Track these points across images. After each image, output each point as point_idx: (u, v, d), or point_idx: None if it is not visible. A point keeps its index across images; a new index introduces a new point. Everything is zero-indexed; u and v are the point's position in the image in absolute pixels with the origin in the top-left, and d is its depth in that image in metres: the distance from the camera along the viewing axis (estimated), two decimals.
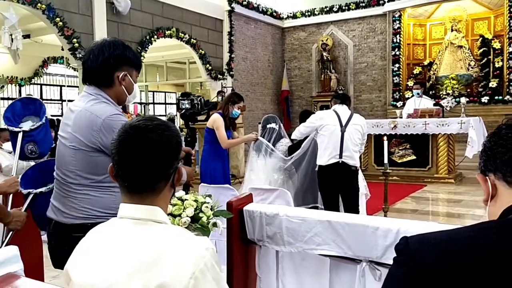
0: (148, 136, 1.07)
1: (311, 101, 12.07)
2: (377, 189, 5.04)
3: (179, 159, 1.14)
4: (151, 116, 1.21)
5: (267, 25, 12.03)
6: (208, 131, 4.49)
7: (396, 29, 10.68)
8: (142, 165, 1.07)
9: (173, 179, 1.13)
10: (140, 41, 8.33)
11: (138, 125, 1.10)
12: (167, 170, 1.10)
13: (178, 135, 1.15)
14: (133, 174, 1.08)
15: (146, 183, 1.09)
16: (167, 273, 0.96)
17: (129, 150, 1.07)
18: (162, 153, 1.08)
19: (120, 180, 1.11)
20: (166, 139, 1.09)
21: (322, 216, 1.99)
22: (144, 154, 1.06)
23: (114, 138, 1.11)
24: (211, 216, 1.89)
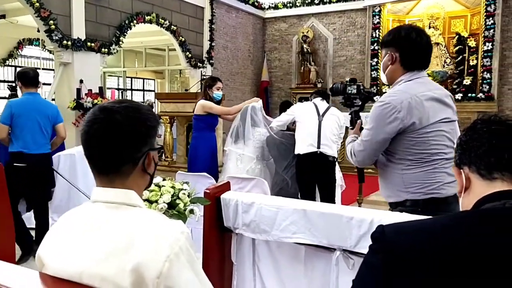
0: (113, 118, 1.06)
1: (290, 92, 12.10)
2: (352, 181, 5.10)
3: (150, 144, 1.12)
4: (124, 99, 1.19)
5: (249, 15, 11.96)
6: (196, 118, 4.48)
7: (375, 24, 10.77)
8: (105, 146, 1.06)
9: (144, 164, 1.11)
10: (119, 26, 8.17)
11: (106, 107, 1.10)
12: (134, 154, 1.09)
13: (149, 119, 1.12)
14: (97, 155, 1.08)
15: (110, 165, 1.08)
16: (142, 256, 0.96)
17: (93, 131, 1.07)
18: (126, 135, 1.06)
19: (88, 162, 1.10)
20: (132, 121, 1.07)
21: (298, 205, 2.02)
22: (108, 135, 1.06)
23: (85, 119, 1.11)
24: (188, 203, 1.89)
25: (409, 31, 2.03)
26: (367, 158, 2.11)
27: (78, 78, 7.34)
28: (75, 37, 7.31)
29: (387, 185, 2.13)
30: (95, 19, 7.74)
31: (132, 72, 13.95)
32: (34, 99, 4.05)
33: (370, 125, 2.03)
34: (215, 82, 4.44)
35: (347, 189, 4.66)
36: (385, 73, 2.11)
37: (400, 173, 2.03)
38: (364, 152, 2.08)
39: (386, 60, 2.07)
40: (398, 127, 1.95)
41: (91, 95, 7.24)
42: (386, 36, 2.12)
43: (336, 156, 3.98)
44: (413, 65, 2.01)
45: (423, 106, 1.93)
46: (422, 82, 2.02)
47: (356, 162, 2.18)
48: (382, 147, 2.03)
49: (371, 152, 2.07)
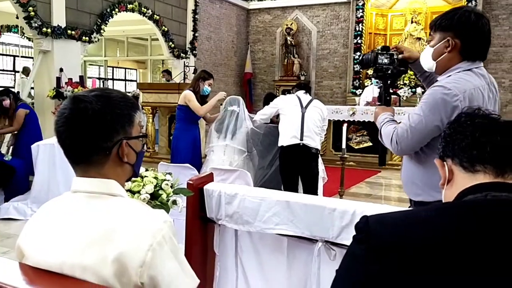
0: (80, 107, 1.04)
1: (273, 85, 12.11)
2: (334, 173, 5.17)
3: (124, 132, 1.08)
4: (97, 88, 1.17)
5: (232, 6, 11.88)
6: (180, 108, 4.50)
7: (359, 17, 10.83)
8: (73, 136, 1.04)
9: (119, 154, 1.09)
10: (100, 14, 8.02)
11: (76, 96, 1.08)
12: (103, 143, 1.05)
13: (119, 106, 1.08)
14: (67, 145, 1.06)
15: (80, 155, 1.06)
16: (124, 245, 0.96)
17: (62, 121, 1.05)
18: (93, 124, 1.04)
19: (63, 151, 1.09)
20: (100, 110, 1.04)
21: (281, 197, 2.02)
22: (75, 125, 1.04)
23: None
24: (171, 194, 1.88)
25: (475, 16, 1.77)
26: (410, 147, 1.86)
27: (58, 67, 7.19)
28: (55, 25, 7.15)
29: (419, 182, 1.89)
30: (76, 6, 7.58)
31: (113, 61, 13.75)
32: None
33: (423, 111, 1.78)
34: (209, 78, 4.57)
35: (328, 182, 4.70)
36: (437, 60, 1.85)
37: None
38: (411, 140, 1.83)
39: (442, 46, 1.81)
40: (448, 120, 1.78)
41: (71, 84, 7.10)
42: (443, 18, 1.83)
43: (319, 148, 4.00)
44: (475, 55, 1.79)
45: (483, 100, 1.74)
46: (482, 75, 1.80)
47: (396, 150, 1.91)
48: (431, 137, 1.80)
49: (418, 140, 1.83)
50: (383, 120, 2.02)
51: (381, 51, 2.17)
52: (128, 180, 1.19)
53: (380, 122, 2.04)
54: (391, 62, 2.13)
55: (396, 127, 1.91)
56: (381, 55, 2.15)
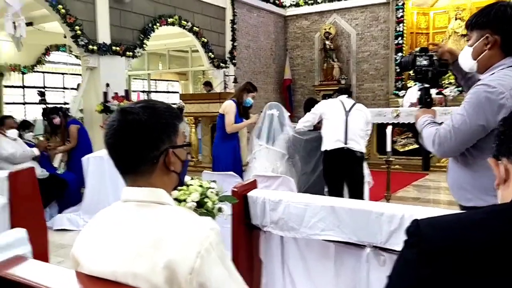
0: (128, 118, 1.07)
1: (313, 90, 12.03)
2: (379, 177, 5.05)
3: (169, 141, 1.11)
4: (143, 100, 1.20)
5: (270, 13, 11.95)
6: (220, 117, 4.59)
7: (399, 17, 10.60)
8: (121, 147, 1.08)
9: (165, 163, 1.11)
10: (143, 29, 8.29)
11: (123, 108, 1.11)
12: (150, 152, 1.08)
13: (164, 116, 1.11)
14: (116, 156, 1.10)
15: (129, 165, 1.09)
16: (173, 253, 0.97)
17: (111, 133, 1.08)
18: (140, 134, 1.07)
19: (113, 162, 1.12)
20: (146, 120, 1.07)
21: (326, 202, 2.00)
22: (123, 136, 1.07)
23: None
24: (216, 201, 1.90)
25: (508, 9, 1.73)
26: (454, 149, 1.79)
27: (104, 82, 7.48)
28: (101, 42, 7.45)
29: (468, 186, 1.82)
30: (119, 23, 7.88)
31: (156, 74, 14.14)
32: None
33: (466, 110, 1.72)
34: (254, 90, 4.68)
35: (374, 186, 4.60)
36: (478, 59, 1.80)
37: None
38: (454, 141, 1.76)
39: (481, 44, 1.77)
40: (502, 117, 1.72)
41: (117, 98, 7.37)
42: (479, 16, 1.80)
43: (364, 152, 3.92)
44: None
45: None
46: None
47: (438, 152, 1.85)
48: (476, 138, 1.73)
49: (462, 142, 1.76)
50: (423, 122, 1.97)
51: (419, 53, 2.12)
52: (175, 189, 1.22)
53: (420, 125, 1.98)
54: (431, 63, 2.08)
55: (438, 129, 1.85)
56: (420, 56, 2.10)
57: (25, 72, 10.72)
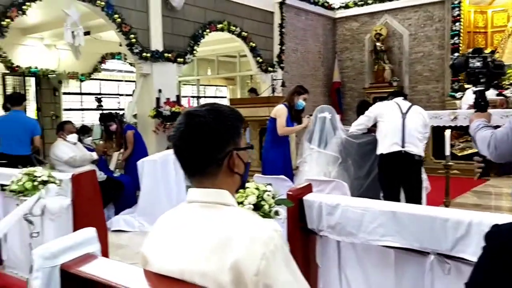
0: (194, 121, 1.09)
1: (363, 92, 11.79)
2: (436, 182, 4.84)
3: (234, 143, 1.12)
4: (207, 103, 1.22)
5: (318, 16, 11.85)
6: (271, 121, 4.59)
7: (455, 16, 10.18)
8: (188, 149, 1.09)
9: (229, 164, 1.12)
10: (193, 35, 8.47)
11: (189, 111, 1.14)
12: (216, 154, 1.10)
13: (230, 118, 1.13)
14: (183, 158, 1.12)
15: (195, 167, 1.11)
16: (239, 254, 0.98)
17: (178, 135, 1.11)
18: (207, 136, 1.08)
19: (180, 165, 1.15)
20: (212, 122, 1.09)
21: (386, 207, 1.94)
22: (190, 138, 1.09)
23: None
24: (272, 204, 1.90)
25: None
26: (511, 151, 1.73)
27: (157, 88, 7.71)
28: (154, 49, 7.69)
29: None
30: (171, 30, 8.09)
31: (205, 80, 14.41)
32: (17, 115, 5.50)
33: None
34: (305, 92, 4.66)
35: (431, 192, 4.42)
36: None
37: None
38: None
39: None
40: None
41: (169, 103, 7.57)
42: None
43: (422, 155, 3.76)
44: None
45: None
46: None
47: (494, 155, 1.80)
48: None
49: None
50: (476, 126, 1.90)
51: (472, 54, 2.04)
52: (237, 191, 1.22)
53: (473, 129, 1.91)
54: (485, 65, 2.00)
55: (494, 132, 1.78)
56: (473, 58, 2.02)
57: (82, 79, 11.25)
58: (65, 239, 1.27)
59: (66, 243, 1.24)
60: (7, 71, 9.71)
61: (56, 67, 10.47)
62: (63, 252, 1.22)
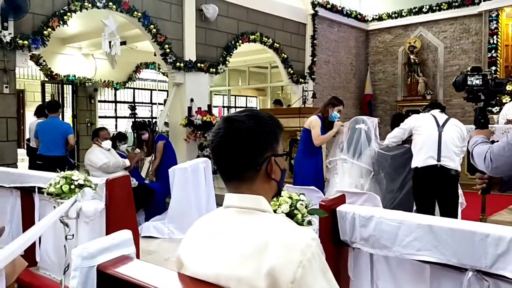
0: (233, 125, 1.10)
1: (396, 105, 11.61)
2: (471, 199, 4.69)
3: (272, 149, 1.12)
4: (246, 109, 1.22)
5: (351, 28, 11.80)
6: (304, 131, 4.59)
7: (492, 29, 9.93)
8: (227, 154, 1.10)
9: (267, 170, 1.12)
10: (226, 46, 8.58)
11: (228, 116, 1.15)
12: (255, 159, 1.10)
13: (268, 124, 1.13)
14: (221, 162, 1.12)
15: (234, 171, 1.11)
16: (275, 260, 0.97)
17: (216, 139, 1.11)
18: (246, 141, 1.08)
19: (217, 169, 1.16)
20: (252, 128, 1.09)
21: (423, 220, 1.88)
22: (229, 142, 1.09)
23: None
24: (305, 214, 1.88)
25: None
26: (508, 166, 1.78)
27: (189, 97, 7.82)
28: (187, 59, 7.82)
29: None
30: (205, 41, 8.22)
31: (235, 90, 14.52)
32: (54, 121, 6.24)
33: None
34: (339, 104, 4.62)
35: (466, 208, 4.28)
36: None
37: None
38: (508, 158, 1.75)
39: None
40: None
41: (201, 113, 7.66)
42: None
43: (459, 170, 3.66)
44: None
45: None
46: None
47: (490, 169, 1.83)
48: None
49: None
50: (474, 142, 1.95)
51: (471, 72, 2.09)
52: (274, 197, 1.21)
53: (472, 145, 1.96)
54: (484, 83, 2.05)
55: (491, 146, 1.82)
56: (471, 76, 2.08)
57: (117, 88, 11.55)
58: (102, 240, 1.29)
59: (103, 244, 1.26)
60: (46, 78, 10.08)
61: (92, 76, 10.80)
62: (100, 253, 1.24)
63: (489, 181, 1.99)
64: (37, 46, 5.85)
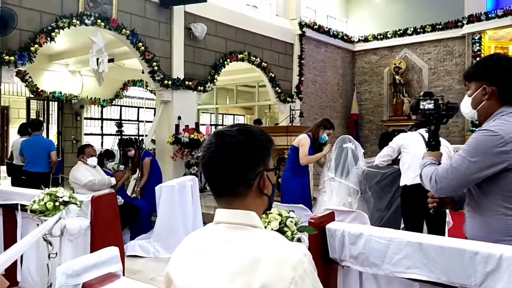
0: (225, 140, 1.08)
1: (382, 125, 11.75)
2: (458, 218, 4.71)
3: (264, 164, 1.11)
4: (237, 123, 1.21)
5: (338, 49, 11.99)
6: (292, 149, 4.59)
7: (475, 51, 10.18)
8: (219, 169, 1.08)
9: (259, 185, 1.11)
10: (214, 64, 8.62)
11: (220, 131, 1.13)
12: (247, 174, 1.08)
13: (260, 139, 1.12)
14: (213, 177, 1.10)
15: (226, 186, 1.09)
16: (267, 277, 0.95)
17: (208, 155, 1.09)
18: (238, 156, 1.07)
19: (208, 185, 1.14)
20: (243, 142, 1.08)
21: (412, 238, 1.88)
22: (221, 157, 1.08)
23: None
24: (295, 231, 1.86)
25: (506, 62, 1.84)
26: (451, 188, 1.88)
27: (176, 115, 7.81)
28: (175, 77, 7.84)
29: (483, 229, 1.87)
30: (193, 59, 8.26)
31: (223, 108, 14.55)
32: (37, 138, 6.39)
33: (467, 153, 1.80)
34: (330, 128, 4.67)
35: (453, 227, 4.30)
36: (478, 109, 1.90)
37: (503, 219, 1.78)
38: (451, 181, 1.84)
39: (479, 95, 1.86)
40: (502, 163, 1.72)
41: (188, 131, 7.64)
42: (476, 68, 1.93)
43: None
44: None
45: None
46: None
47: (434, 189, 1.92)
48: (474, 181, 1.81)
49: (459, 182, 1.84)
50: (424, 163, 2.04)
51: (423, 97, 2.22)
52: (264, 212, 1.20)
53: (421, 166, 2.05)
54: (436, 107, 2.16)
55: (437, 168, 1.93)
56: (423, 101, 2.20)
57: (104, 105, 11.47)
58: (88, 257, 1.26)
59: (89, 262, 1.23)
60: (31, 95, 9.98)
61: (79, 93, 10.72)
62: (86, 271, 1.20)
63: (440, 200, 2.08)
64: (23, 62, 5.81)
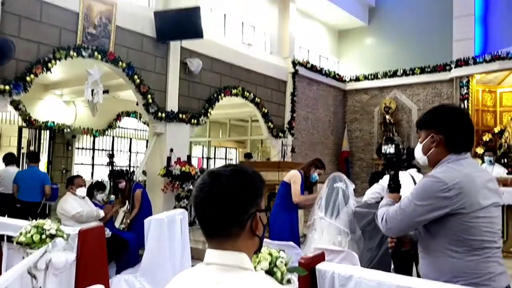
0: (220, 180, 1.09)
1: (372, 163, 11.83)
2: None
3: (256, 205, 1.12)
4: (231, 164, 1.22)
5: (329, 87, 12.21)
6: (283, 185, 4.58)
7: (463, 94, 10.42)
8: (212, 209, 1.08)
9: (252, 226, 1.11)
10: (208, 99, 8.72)
11: (213, 171, 1.14)
12: (240, 215, 1.09)
13: (254, 180, 1.13)
14: (205, 216, 1.10)
15: (218, 227, 1.09)
16: None
17: (202, 195, 1.10)
18: (232, 197, 1.08)
19: (199, 224, 1.13)
20: (237, 183, 1.09)
21: (402, 282, 1.87)
22: (214, 197, 1.08)
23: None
24: (285, 272, 1.84)
25: (453, 112, 1.99)
26: (399, 229, 1.98)
27: (169, 147, 7.81)
28: (169, 110, 7.89)
29: (433, 270, 1.94)
30: (187, 93, 8.35)
31: (216, 141, 14.60)
32: (33, 170, 6.72)
33: (414, 196, 1.89)
34: (321, 168, 4.75)
35: None
36: (427, 155, 2.00)
37: (450, 260, 1.83)
38: (399, 222, 1.93)
39: (429, 142, 1.98)
40: (445, 208, 1.80)
41: (180, 163, 7.62)
42: (425, 117, 2.04)
43: None
44: (460, 147, 1.93)
45: (475, 188, 1.80)
46: (471, 164, 1.92)
47: (385, 229, 2.01)
48: (421, 223, 1.90)
49: (406, 224, 1.94)
50: (381, 204, 2.15)
51: (385, 142, 2.37)
52: (255, 253, 1.20)
53: (379, 206, 2.15)
54: (397, 151, 2.30)
55: (388, 209, 2.02)
56: (385, 144, 2.35)
57: (96, 135, 11.46)
58: None
59: None
60: (24, 124, 9.95)
61: (72, 122, 10.72)
62: None
63: (398, 240, 2.17)
64: (18, 91, 5.83)
